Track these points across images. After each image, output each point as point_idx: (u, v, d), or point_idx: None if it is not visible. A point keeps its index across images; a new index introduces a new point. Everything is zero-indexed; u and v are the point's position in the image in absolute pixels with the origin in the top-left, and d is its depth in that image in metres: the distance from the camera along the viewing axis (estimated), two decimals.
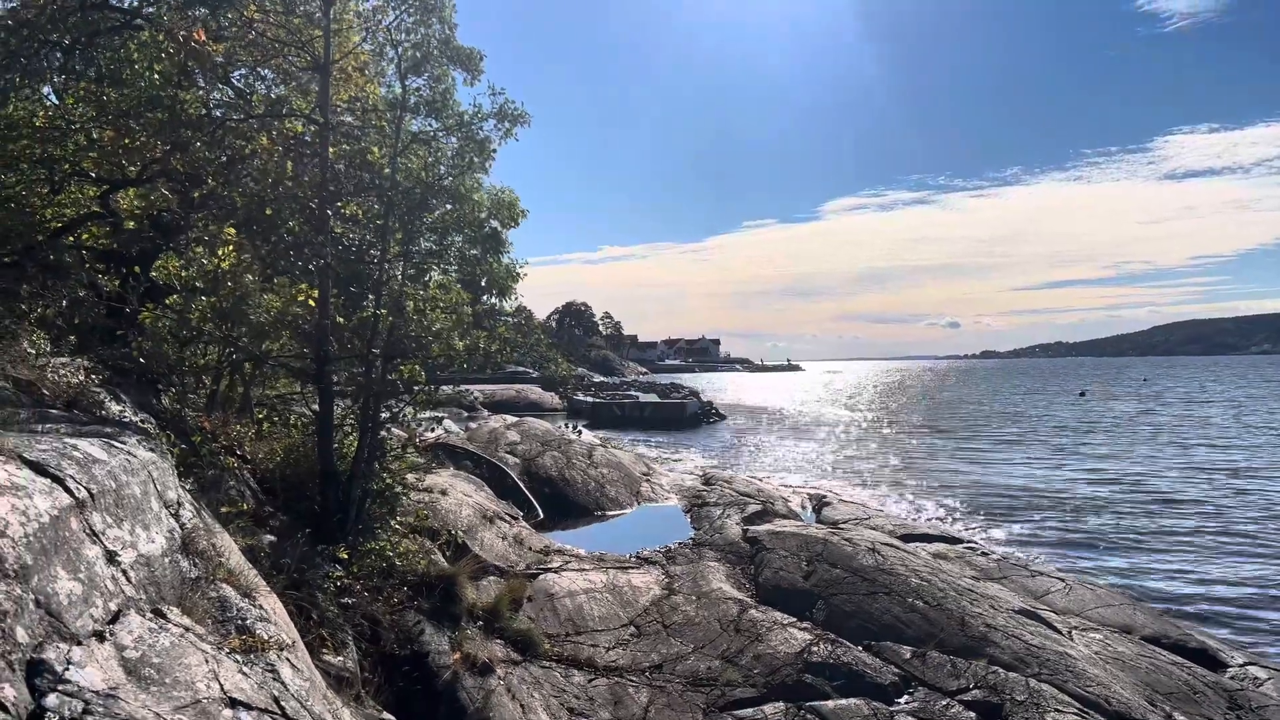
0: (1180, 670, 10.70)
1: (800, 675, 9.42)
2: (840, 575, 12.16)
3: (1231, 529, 20.76)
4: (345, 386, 10.47)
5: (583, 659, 9.86)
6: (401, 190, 9.79)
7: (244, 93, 10.22)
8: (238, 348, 10.04)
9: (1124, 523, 21.75)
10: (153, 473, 4.64)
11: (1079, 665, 9.96)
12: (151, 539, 4.20)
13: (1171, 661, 11.00)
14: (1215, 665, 11.36)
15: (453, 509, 13.61)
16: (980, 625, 10.68)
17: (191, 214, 10.24)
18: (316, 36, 9.32)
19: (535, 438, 24.05)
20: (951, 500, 25.00)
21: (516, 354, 12.52)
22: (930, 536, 17.68)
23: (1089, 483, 28.06)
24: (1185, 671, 10.70)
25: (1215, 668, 11.25)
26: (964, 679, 9.54)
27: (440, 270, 12.04)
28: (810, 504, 22.02)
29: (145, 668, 3.31)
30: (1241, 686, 10.60)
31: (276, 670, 4.20)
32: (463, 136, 10.45)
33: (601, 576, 12.25)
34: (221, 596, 4.56)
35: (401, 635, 8.89)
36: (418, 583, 9.85)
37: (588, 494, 20.55)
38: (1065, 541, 19.75)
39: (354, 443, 10.13)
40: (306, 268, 9.58)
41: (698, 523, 17.67)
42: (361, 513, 9.75)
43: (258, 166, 9.45)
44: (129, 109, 8.65)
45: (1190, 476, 28.97)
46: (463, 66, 10.35)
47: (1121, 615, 12.96)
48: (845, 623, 10.96)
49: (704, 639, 10.41)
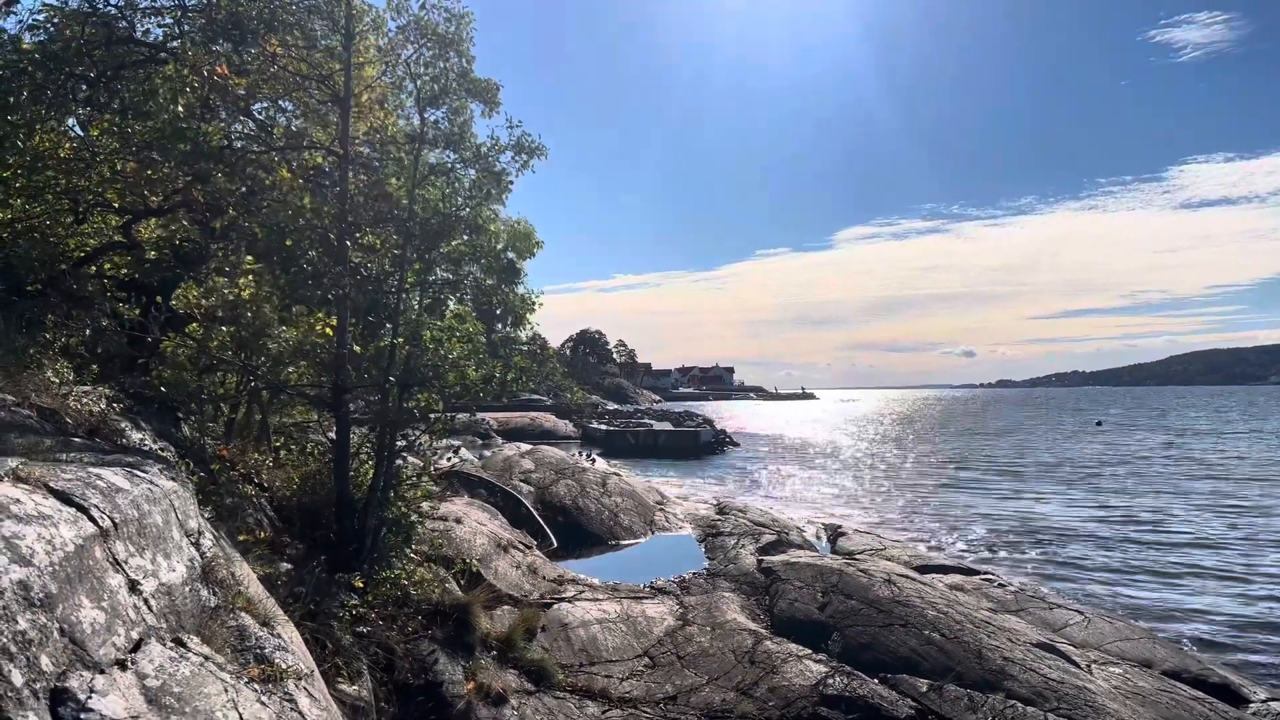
0: (1201, 706, 10.55)
1: (815, 708, 9.34)
2: (856, 607, 12.08)
3: (1254, 563, 20.49)
4: (362, 415, 10.53)
5: (597, 690, 9.81)
6: (419, 221, 9.90)
7: (265, 125, 10.39)
8: (256, 376, 10.13)
9: (1144, 555, 21.52)
10: (174, 501, 4.69)
11: (1098, 700, 9.84)
12: (173, 568, 4.24)
13: (1192, 697, 10.85)
14: (1237, 701, 11.19)
15: (467, 537, 13.61)
16: (998, 658, 10.57)
17: (212, 244, 10.39)
18: (337, 70, 9.48)
19: (549, 466, 24.05)
20: (968, 532, 24.80)
21: (531, 382, 12.57)
22: (946, 568, 17.54)
23: (1107, 515, 27.78)
24: (1206, 707, 10.55)
25: (1237, 704, 11.08)
26: (981, 713, 9.44)
27: (457, 300, 12.14)
28: (825, 534, 21.91)
29: (166, 696, 3.33)
30: None
31: (294, 700, 4.21)
32: (480, 169, 10.58)
33: (615, 606, 12.21)
34: (240, 625, 4.59)
35: (416, 664, 8.87)
36: (432, 611, 9.84)
37: (601, 523, 20.51)
38: (1084, 574, 19.54)
39: (370, 471, 10.17)
40: (325, 297, 9.67)
41: (712, 552, 17.60)
42: (377, 541, 9.77)
43: (277, 198, 9.58)
44: (152, 141, 8.80)
45: (1210, 510, 28.63)
46: (480, 99, 10.49)
47: (1141, 649, 12.80)
48: (861, 655, 10.87)
49: (718, 670, 10.35)
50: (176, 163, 8.84)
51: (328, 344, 9.69)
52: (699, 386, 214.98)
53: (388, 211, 9.95)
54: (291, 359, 10.15)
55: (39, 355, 7.28)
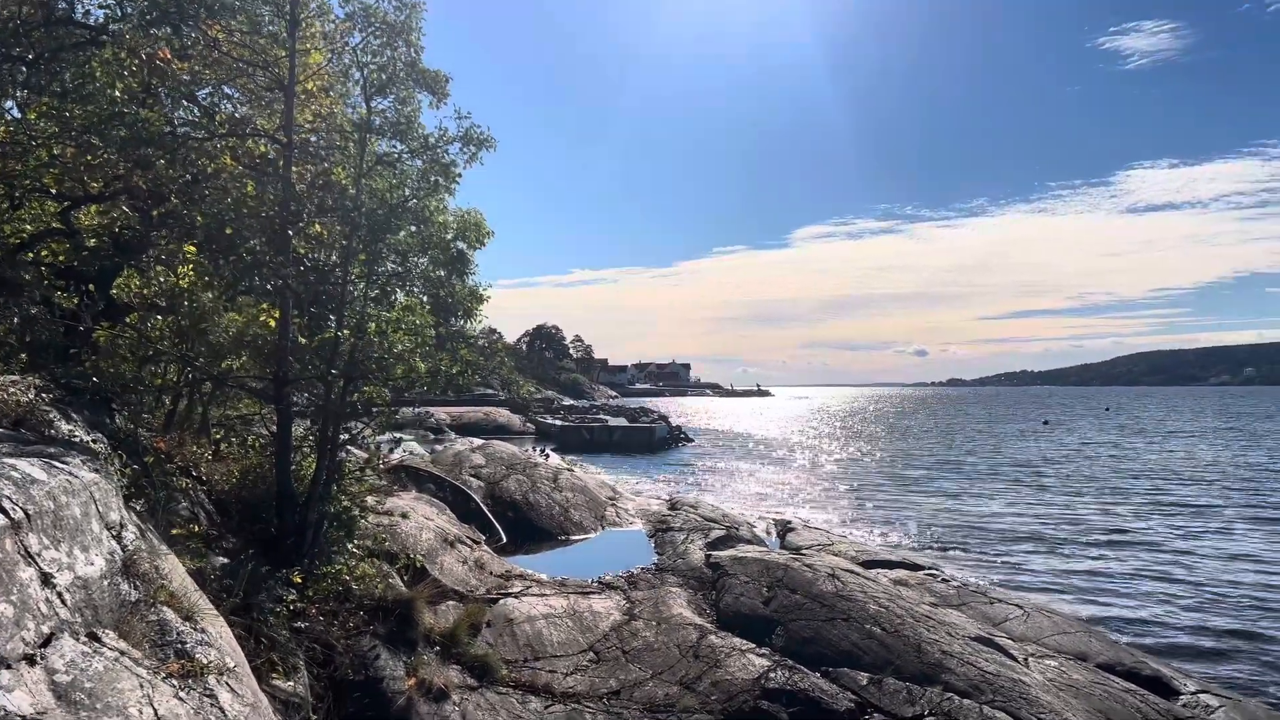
0: (1133, 698, 10.80)
1: (757, 701, 9.42)
2: (800, 601, 12.18)
3: (1187, 560, 21.07)
4: (305, 407, 10.39)
5: (540, 685, 9.79)
6: (365, 211, 9.77)
7: (208, 111, 10.19)
8: (196, 367, 9.95)
9: (1084, 552, 22.00)
10: (95, 494, 4.58)
11: (1033, 692, 10.03)
12: (91, 561, 4.14)
13: (1124, 689, 11.10)
14: (1168, 693, 11.46)
15: (413, 532, 13.49)
16: (937, 652, 10.73)
17: (153, 232, 10.16)
18: (281, 57, 9.32)
19: (500, 461, 23.92)
20: (915, 528, 25.16)
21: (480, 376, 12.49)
22: (891, 563, 17.75)
23: (1051, 512, 28.37)
24: (1138, 699, 10.80)
25: (1168, 695, 11.35)
26: (919, 706, 9.58)
27: (405, 292, 12.01)
28: (775, 530, 22.05)
29: (76, 692, 3.25)
30: (1193, 714, 10.71)
31: (215, 695, 4.14)
32: (428, 159, 10.47)
33: (562, 601, 12.19)
34: (161, 620, 4.50)
35: (356, 660, 8.78)
36: (374, 607, 9.75)
37: (552, 518, 20.46)
38: (1026, 570, 19.92)
39: (312, 464, 10.04)
40: (266, 287, 9.52)
41: (661, 548, 17.64)
42: (318, 535, 9.65)
43: (220, 185, 9.40)
44: (91, 125, 8.59)
45: (1149, 508, 29.36)
46: (428, 89, 10.38)
47: (1077, 642, 13.06)
48: (804, 649, 10.97)
49: (663, 665, 10.38)
50: (116, 148, 8.64)
51: (270, 335, 9.55)
52: (655, 383, 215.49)
53: (333, 201, 9.81)
54: (233, 350, 9.98)
55: None
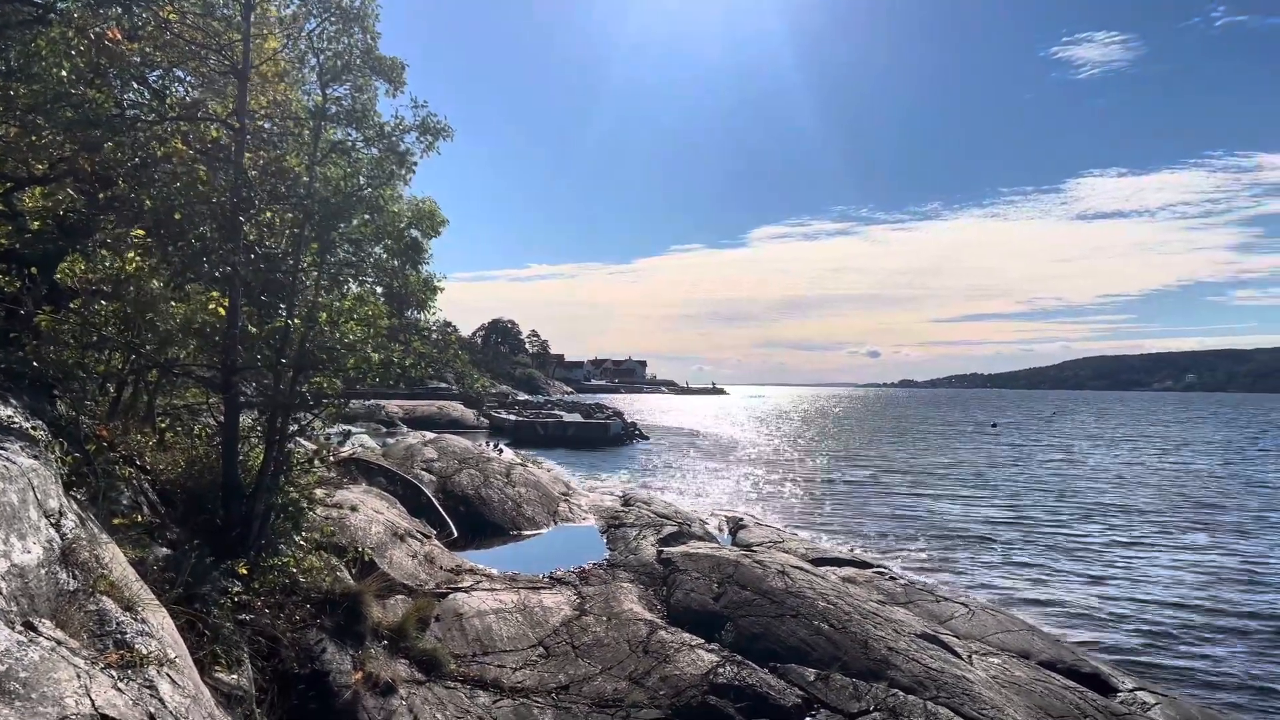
0: (1072, 694, 11.05)
1: (705, 697, 9.48)
2: (750, 597, 12.29)
3: (1128, 561, 21.59)
4: (253, 397, 10.24)
5: (489, 679, 9.77)
6: (318, 200, 9.64)
7: (159, 94, 9.98)
8: (141, 354, 9.74)
9: (1029, 552, 22.43)
10: (33, 480, 4.48)
11: (975, 689, 10.22)
12: (28, 549, 4.06)
13: (1064, 686, 11.35)
14: (1106, 690, 11.76)
15: (362, 526, 13.37)
16: (883, 648, 10.89)
17: (99, 216, 9.94)
18: (235, 40, 9.17)
19: (453, 455, 23.77)
20: (865, 526, 25.47)
21: (434, 369, 12.41)
22: (841, 561, 17.98)
23: (997, 512, 28.89)
24: (1077, 695, 11.06)
25: (1106, 692, 11.64)
26: (865, 701, 9.72)
27: (358, 282, 11.88)
28: (727, 526, 22.22)
29: (10, 682, 3.18)
30: (1129, 711, 10.99)
31: (155, 686, 4.07)
32: (383, 148, 10.37)
33: (512, 596, 12.16)
34: (101, 610, 4.41)
35: (302, 653, 8.68)
36: (322, 600, 9.63)
37: (504, 513, 20.38)
38: (971, 568, 20.28)
39: (260, 455, 9.89)
40: (215, 274, 9.36)
41: (613, 544, 17.67)
42: (265, 527, 9.51)
43: (170, 170, 9.22)
44: (37, 105, 8.38)
45: (1092, 509, 30.01)
46: (385, 77, 10.26)
47: (1020, 640, 13.34)
48: (753, 644, 11.07)
49: (612, 660, 10.41)
50: (62, 129, 8.44)
51: (219, 323, 9.38)
52: (611, 379, 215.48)
53: (286, 188, 9.67)
54: (180, 338, 9.79)
55: None
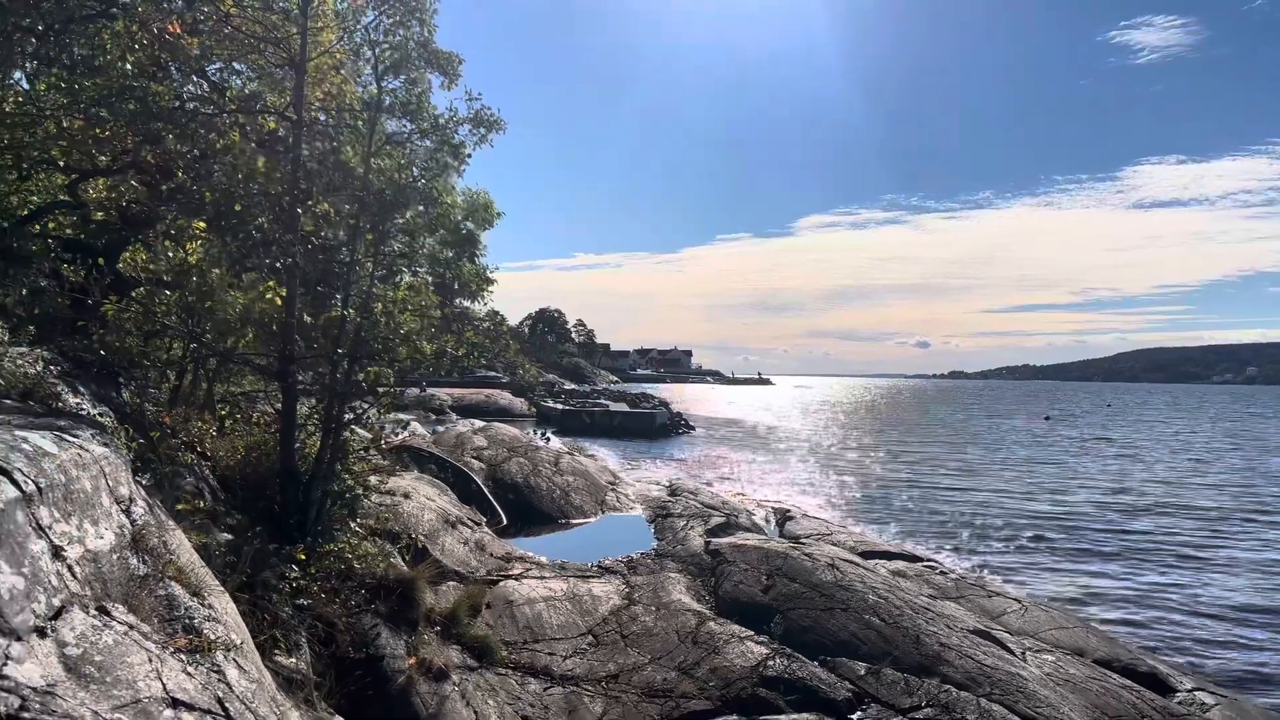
0: (1129, 694, 10.84)
1: (755, 689, 9.46)
2: (799, 590, 12.23)
3: (1188, 560, 21.08)
4: (310, 386, 10.40)
5: (539, 667, 9.84)
6: (374, 191, 9.76)
7: (218, 86, 10.16)
8: (202, 343, 9.95)
9: (1082, 548, 22.02)
10: (105, 467, 4.59)
11: (1030, 686, 10.07)
12: (100, 535, 4.16)
13: (1121, 685, 11.14)
14: (1164, 690, 11.51)
15: (415, 513, 13.54)
16: (935, 644, 10.77)
17: (160, 207, 10.16)
18: (293, 34, 9.29)
19: (502, 443, 23.96)
20: (914, 519, 25.21)
21: (485, 359, 12.52)
22: (890, 554, 17.81)
23: (1051, 506, 28.38)
24: (1134, 695, 10.84)
25: (1164, 692, 11.40)
26: (917, 697, 9.62)
27: (411, 272, 12.01)
28: (774, 518, 22.12)
29: (86, 665, 3.28)
30: (1188, 712, 10.75)
31: (222, 671, 4.16)
32: (437, 140, 10.44)
33: (562, 585, 12.24)
34: (169, 595, 4.52)
35: (357, 638, 8.81)
36: (376, 586, 9.78)
37: (552, 502, 20.51)
38: (1023, 564, 19.95)
39: (316, 443, 10.06)
40: (274, 265, 9.51)
41: (661, 533, 17.69)
42: (321, 514, 9.68)
43: (229, 162, 9.39)
44: (100, 98, 8.57)
45: (1148, 504, 29.37)
46: (440, 70, 10.33)
47: (1074, 638, 13.11)
48: (802, 637, 11.02)
49: (661, 650, 10.43)
50: (125, 122, 8.62)
51: (276, 313, 9.55)
52: (657, 368, 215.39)
53: (342, 180, 9.80)
54: (239, 327, 9.98)
55: None
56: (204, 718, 3.56)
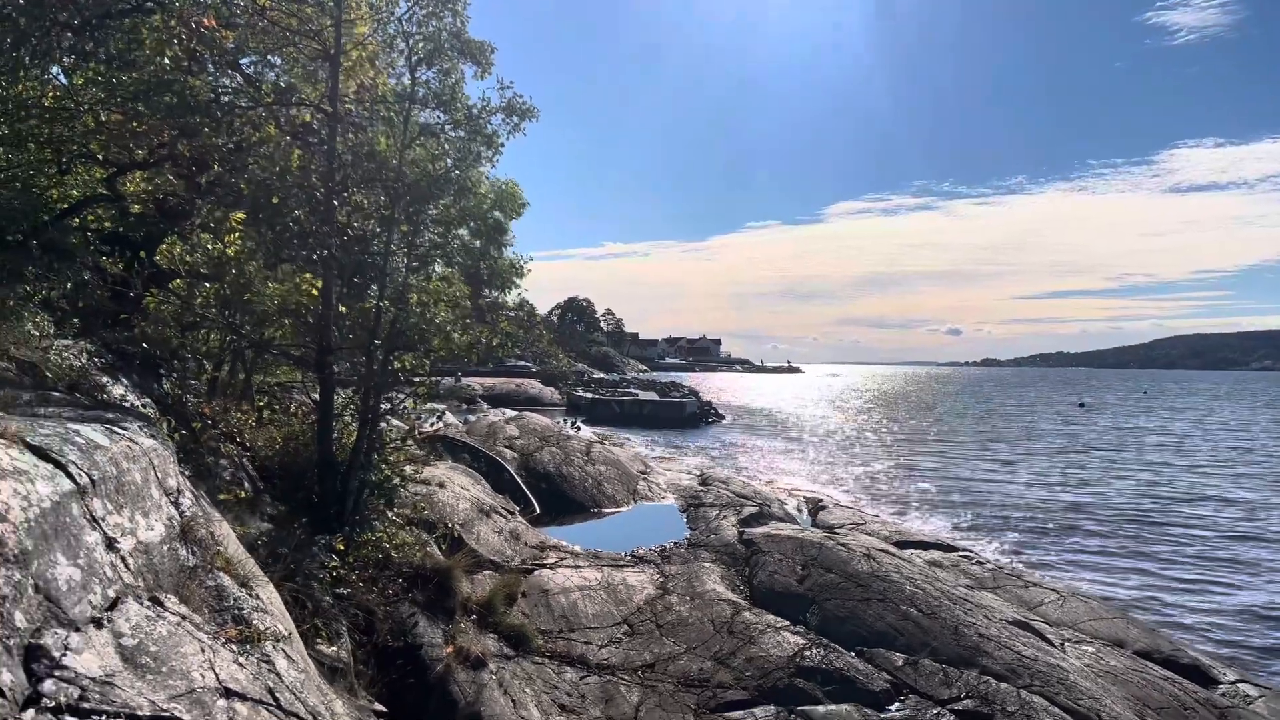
0: (1171, 685, 10.70)
1: (792, 679, 9.43)
2: (835, 580, 12.17)
3: (1226, 548, 20.77)
4: (346, 376, 10.47)
5: (575, 656, 9.87)
6: (407, 182, 9.78)
7: (253, 80, 10.21)
8: (240, 334, 10.04)
9: (1120, 537, 21.75)
10: (153, 459, 4.64)
11: (1070, 678, 9.97)
12: (151, 526, 4.20)
13: (1163, 676, 11.00)
14: (1207, 682, 11.36)
15: (450, 502, 13.61)
16: (973, 635, 10.68)
17: (197, 200, 10.24)
18: (327, 26, 9.31)
19: (534, 433, 24.04)
20: (948, 508, 25.01)
21: (518, 348, 12.54)
22: (925, 544, 17.68)
23: (1085, 496, 28.04)
24: (1176, 687, 10.70)
25: (1206, 684, 11.25)
26: (955, 688, 9.55)
27: (443, 263, 12.04)
28: (807, 508, 22.04)
29: (142, 656, 3.31)
30: (1232, 704, 10.60)
31: (272, 661, 4.20)
32: (470, 130, 10.44)
33: (596, 574, 12.26)
34: (219, 585, 4.57)
35: (396, 627, 8.89)
36: (413, 575, 9.85)
37: (585, 491, 20.56)
38: (1060, 554, 19.74)
39: (353, 433, 10.13)
40: (311, 257, 9.57)
41: (694, 523, 17.67)
42: (359, 503, 9.75)
43: (265, 154, 9.44)
44: (138, 92, 8.64)
45: (1186, 494, 28.94)
46: (473, 60, 10.33)
47: (1114, 629, 12.96)
48: (838, 628, 10.96)
49: (697, 640, 10.42)
50: (162, 115, 8.68)
51: (312, 304, 9.61)
52: (686, 357, 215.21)
53: (376, 171, 9.83)
54: (276, 318, 10.07)
55: (19, 308, 7.18)
56: (256, 708, 3.59)
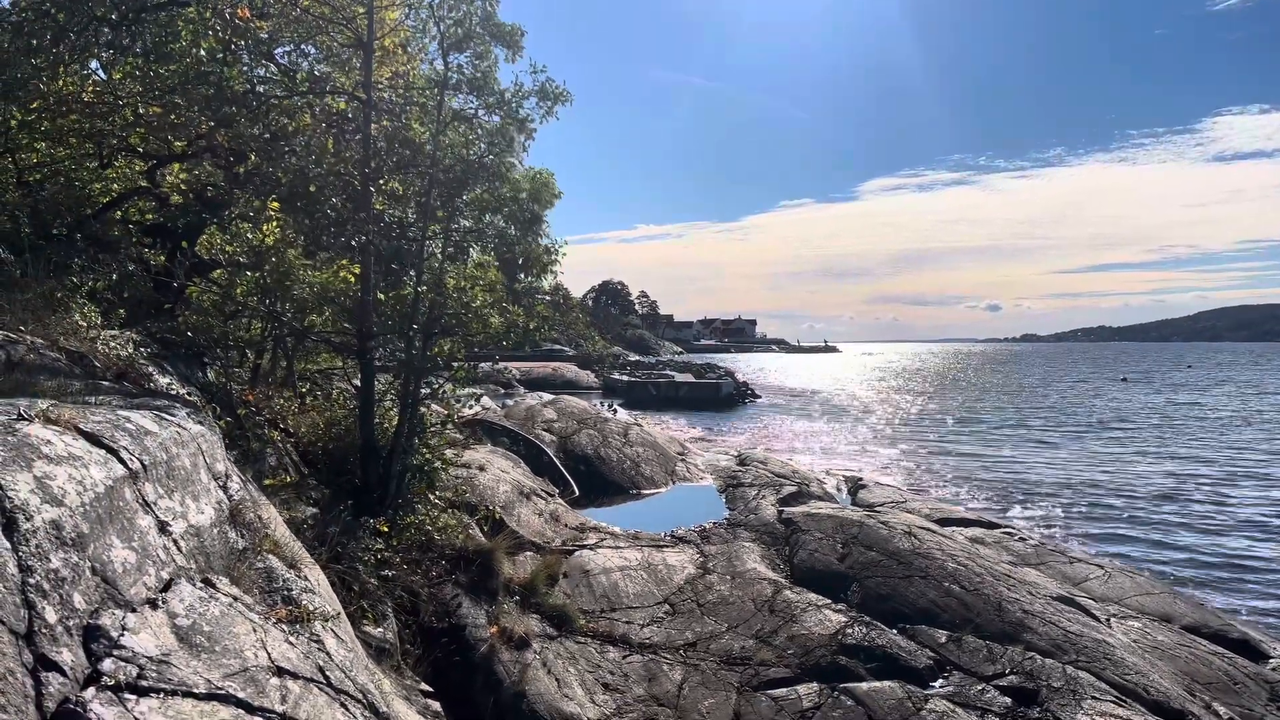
0: (1220, 660, 10.56)
1: (834, 657, 9.42)
2: (876, 558, 12.11)
3: (1275, 523, 20.38)
4: (386, 362, 10.57)
5: (617, 635, 9.93)
6: (442, 168, 9.82)
7: (288, 69, 10.29)
8: (281, 322, 10.18)
9: (1166, 512, 21.44)
10: (201, 445, 4.72)
11: (1117, 653, 9.86)
12: (201, 510, 4.29)
13: (1211, 651, 10.85)
14: (1256, 656, 11.20)
15: (490, 485, 13.72)
16: (1017, 611, 10.59)
17: (236, 190, 10.38)
18: (360, 14, 9.36)
19: (571, 416, 24.13)
20: (989, 485, 24.79)
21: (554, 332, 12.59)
22: (967, 521, 17.53)
23: (1129, 470, 27.65)
24: (1225, 662, 10.56)
25: (1256, 659, 11.09)
26: (1000, 664, 9.48)
27: (479, 249, 12.09)
28: (846, 486, 21.94)
29: (196, 635, 3.38)
30: None
31: (321, 641, 4.27)
32: (504, 115, 10.45)
33: (636, 554, 12.31)
34: (268, 567, 4.65)
35: (440, 608, 9.00)
36: (456, 557, 9.96)
37: (623, 472, 20.62)
38: (1105, 529, 19.51)
39: (394, 418, 10.24)
40: (349, 244, 9.66)
41: (732, 503, 17.67)
42: (401, 487, 9.87)
43: (301, 143, 9.53)
44: (175, 85, 8.75)
45: (1234, 468, 28.42)
46: (504, 43, 10.33)
47: (1161, 604, 12.80)
48: (880, 605, 10.92)
49: (738, 618, 10.44)
50: (200, 107, 8.79)
51: (351, 291, 9.70)
52: (721, 338, 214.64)
53: (411, 158, 9.88)
54: (316, 305, 10.19)
55: (66, 299, 7.32)
56: (309, 686, 3.66)
